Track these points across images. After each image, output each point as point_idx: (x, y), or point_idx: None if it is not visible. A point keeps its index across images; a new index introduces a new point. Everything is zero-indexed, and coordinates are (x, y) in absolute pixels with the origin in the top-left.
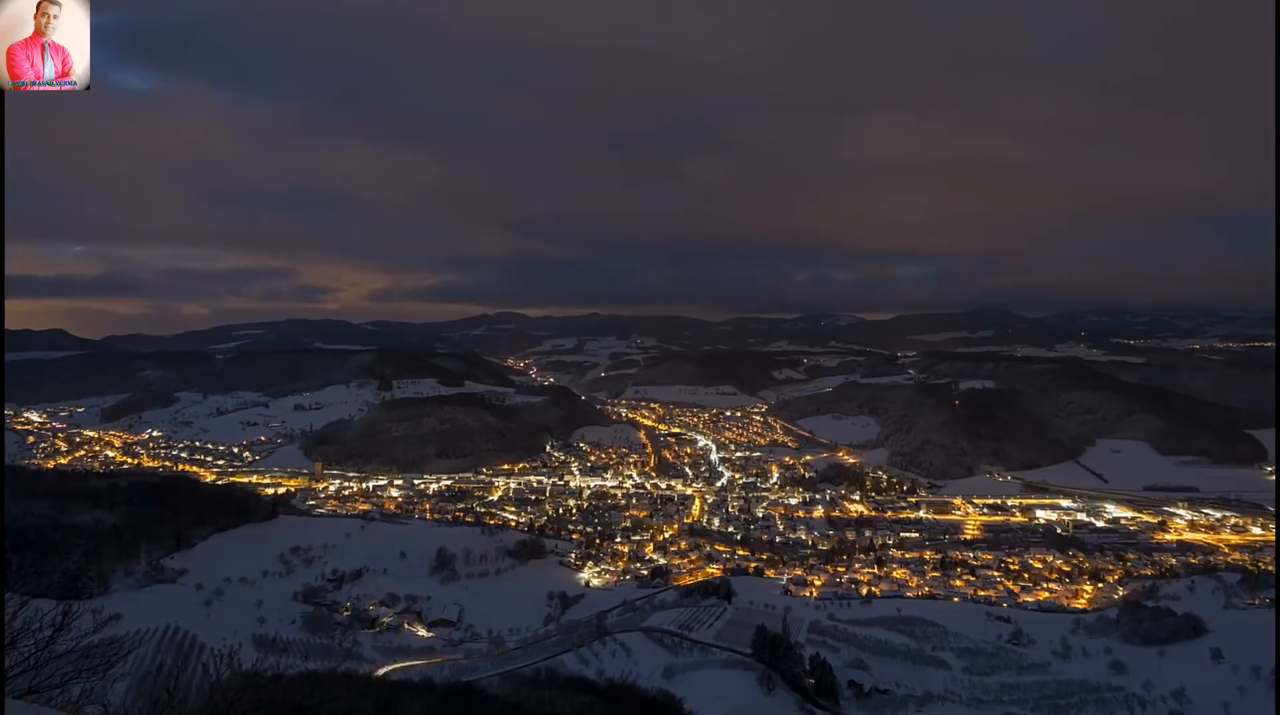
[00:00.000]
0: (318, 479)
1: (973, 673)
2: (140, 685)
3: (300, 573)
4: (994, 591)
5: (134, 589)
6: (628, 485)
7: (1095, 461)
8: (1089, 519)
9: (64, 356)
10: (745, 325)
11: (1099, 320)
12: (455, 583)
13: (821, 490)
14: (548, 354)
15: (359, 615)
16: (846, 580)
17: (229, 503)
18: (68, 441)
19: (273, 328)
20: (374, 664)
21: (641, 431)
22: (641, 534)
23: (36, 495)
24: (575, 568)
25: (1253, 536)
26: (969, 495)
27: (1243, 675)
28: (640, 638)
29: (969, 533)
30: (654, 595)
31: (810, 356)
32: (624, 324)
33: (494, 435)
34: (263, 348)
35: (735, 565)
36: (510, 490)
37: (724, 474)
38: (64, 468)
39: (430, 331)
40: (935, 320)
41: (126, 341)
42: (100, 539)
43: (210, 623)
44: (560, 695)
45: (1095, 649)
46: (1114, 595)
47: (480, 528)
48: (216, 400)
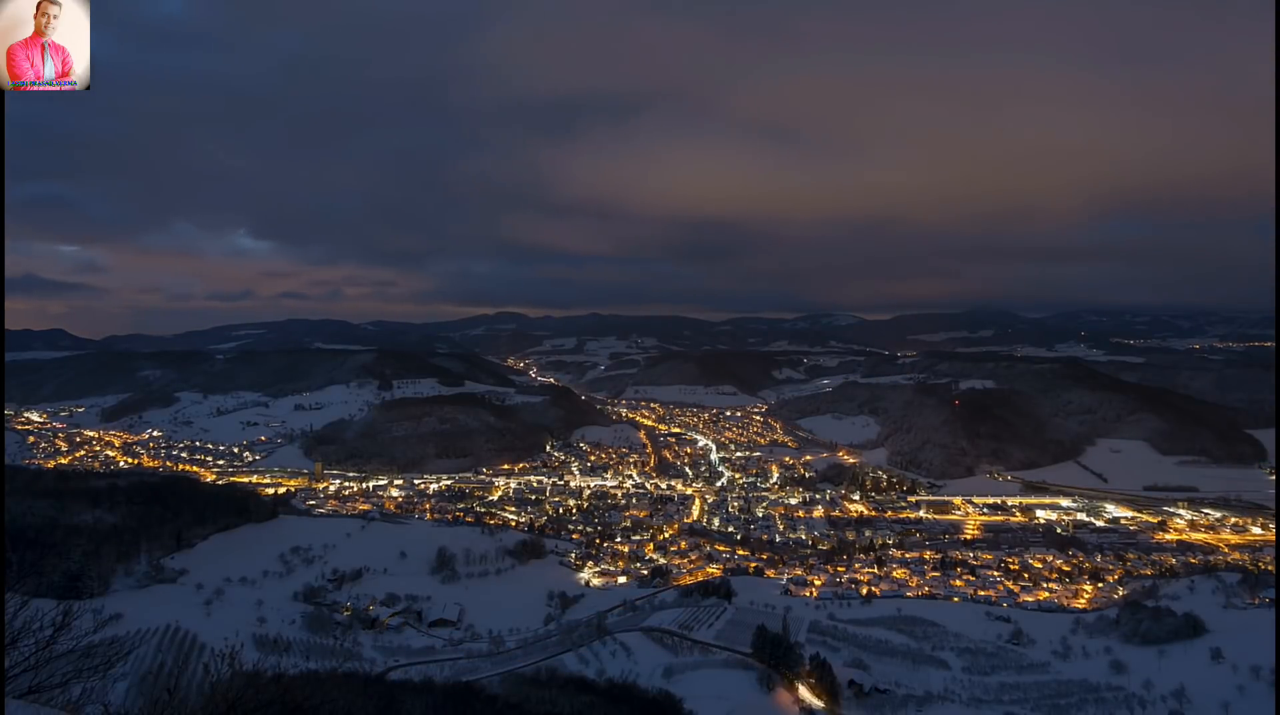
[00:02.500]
0: (318, 479)
1: (973, 672)
2: (140, 685)
3: (300, 573)
4: (994, 591)
5: (134, 589)
6: (628, 485)
7: (1095, 461)
8: (1089, 519)
9: (64, 356)
10: (745, 325)
11: (1099, 320)
12: (455, 583)
13: (821, 490)
14: (548, 354)
15: (359, 615)
16: (846, 580)
17: (229, 503)
18: (68, 441)
19: (273, 328)
20: (374, 664)
21: (641, 431)
22: (641, 534)
23: (36, 495)
24: (575, 568)
25: (1253, 536)
26: (969, 495)
27: (1243, 675)
28: (640, 637)
29: (969, 533)
30: (654, 595)
31: (810, 356)
32: (624, 324)
33: (494, 435)
34: (263, 348)
35: (735, 565)
36: (510, 490)
37: (724, 474)
38: (64, 468)
39: (430, 331)
40: (935, 320)
41: (126, 341)
42: (100, 539)
43: (210, 623)
44: (560, 695)
45: (1095, 649)
46: (1114, 595)
47: (480, 528)
48: (216, 400)
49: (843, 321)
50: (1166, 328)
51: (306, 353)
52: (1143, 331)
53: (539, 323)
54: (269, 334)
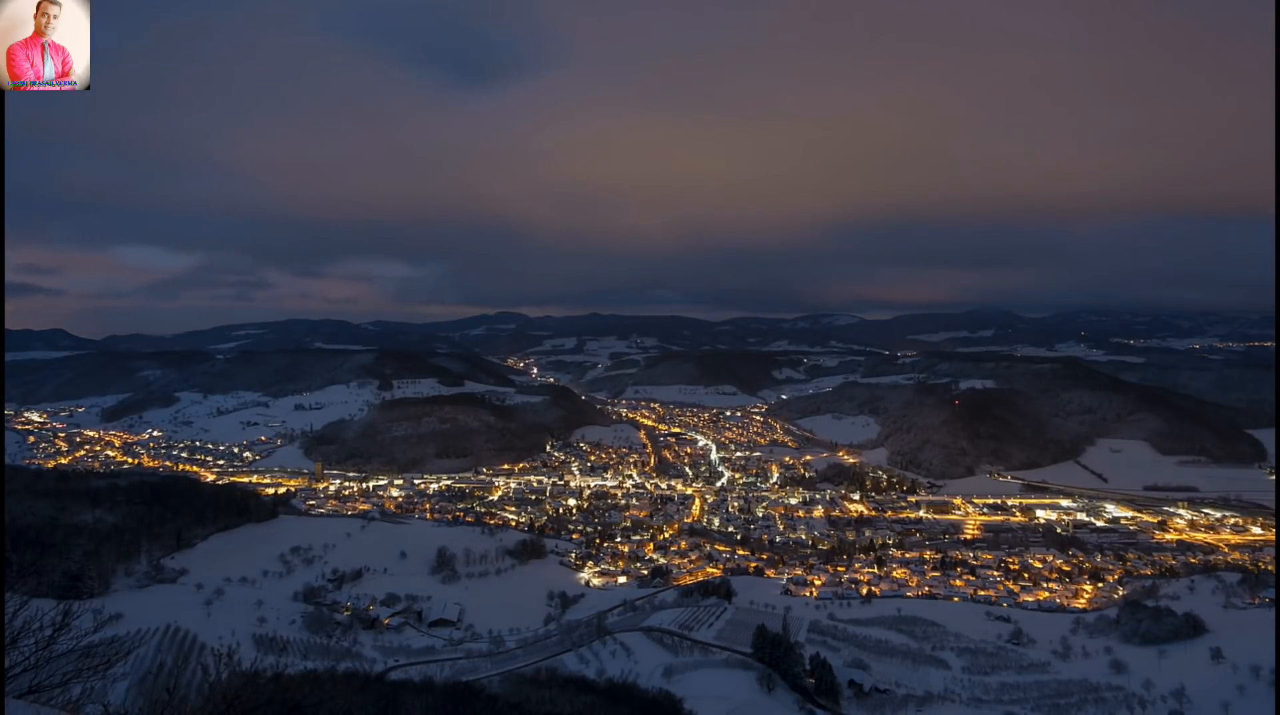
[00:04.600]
0: (318, 479)
1: (973, 672)
2: (140, 685)
3: (300, 573)
4: (994, 591)
5: (134, 589)
6: (628, 485)
7: (1095, 461)
8: (1089, 519)
9: (64, 356)
10: (745, 325)
11: (1099, 320)
12: (455, 583)
13: (821, 490)
14: (548, 354)
15: (359, 615)
16: (846, 580)
17: (229, 503)
18: (68, 441)
19: (273, 328)
20: (374, 664)
21: (641, 431)
22: (641, 534)
23: (36, 495)
24: (575, 568)
25: (1253, 536)
26: (969, 495)
27: (1243, 675)
28: (640, 637)
29: (969, 533)
30: (654, 595)
31: (810, 356)
32: (624, 324)
33: (494, 435)
34: (263, 348)
35: (735, 565)
36: (510, 490)
37: (724, 474)
38: (64, 468)
39: (430, 331)
40: (935, 320)
41: (126, 341)
42: (100, 539)
43: (210, 623)
44: (560, 695)
45: (1095, 649)
46: (1114, 595)
47: (480, 528)
48: (217, 400)
49: (843, 321)
50: (1166, 328)
51: (306, 353)
52: (1143, 331)
53: (539, 323)
54: (269, 334)
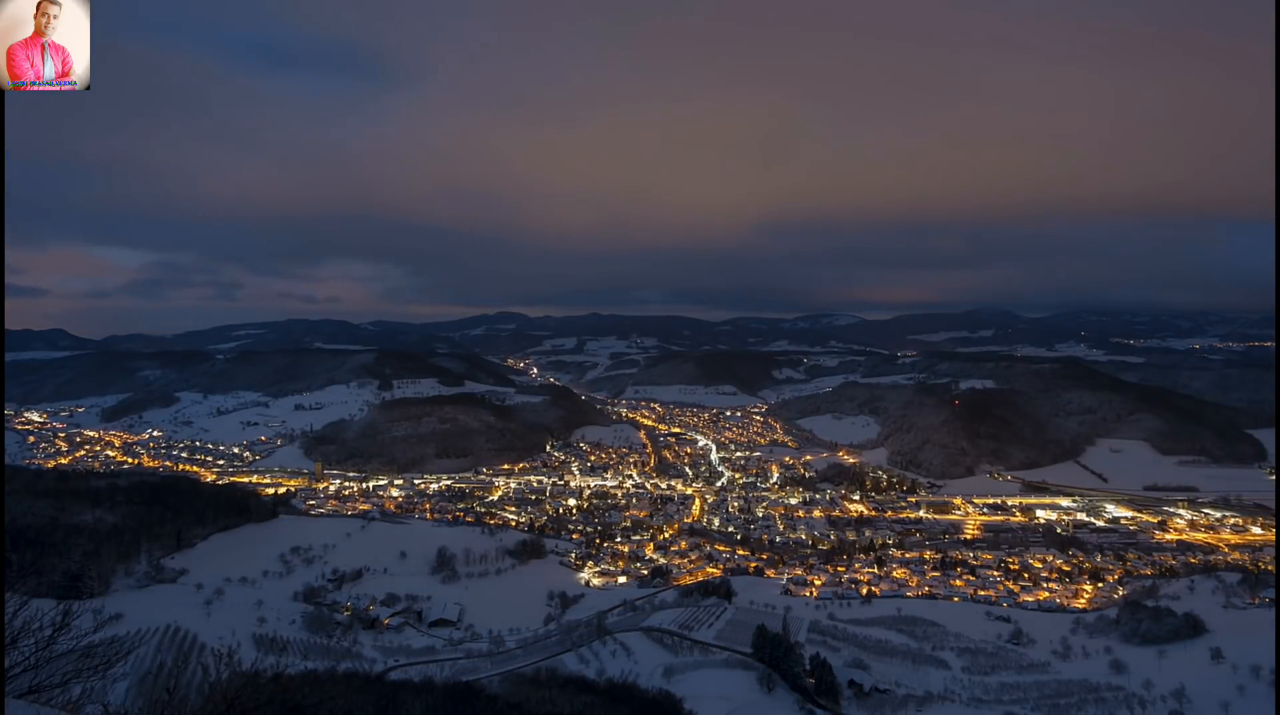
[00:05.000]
0: (318, 479)
1: (973, 672)
2: (140, 685)
3: (300, 573)
4: (994, 591)
5: (134, 589)
6: (628, 485)
7: (1095, 461)
8: (1089, 519)
9: (64, 356)
10: (745, 325)
11: (1099, 320)
12: (455, 583)
13: (821, 490)
14: (548, 354)
15: (359, 615)
16: (846, 580)
17: (229, 503)
18: (68, 441)
19: (273, 328)
20: (374, 664)
21: (641, 431)
22: (641, 534)
23: (36, 495)
24: (575, 568)
25: (1253, 536)
26: (969, 495)
27: (1242, 675)
28: (640, 637)
29: (969, 532)
30: (654, 595)
31: (810, 356)
32: (624, 324)
33: (494, 435)
34: (263, 348)
35: (735, 565)
36: (510, 490)
37: (724, 474)
38: (64, 468)
39: (430, 331)
40: (935, 320)
41: (126, 341)
42: (100, 539)
43: (210, 623)
44: (560, 695)
45: (1095, 649)
46: (1114, 595)
47: (480, 528)
48: (217, 400)
49: (843, 321)
50: (1166, 328)
51: (306, 353)
52: (1143, 331)
53: (539, 323)
54: (269, 334)
